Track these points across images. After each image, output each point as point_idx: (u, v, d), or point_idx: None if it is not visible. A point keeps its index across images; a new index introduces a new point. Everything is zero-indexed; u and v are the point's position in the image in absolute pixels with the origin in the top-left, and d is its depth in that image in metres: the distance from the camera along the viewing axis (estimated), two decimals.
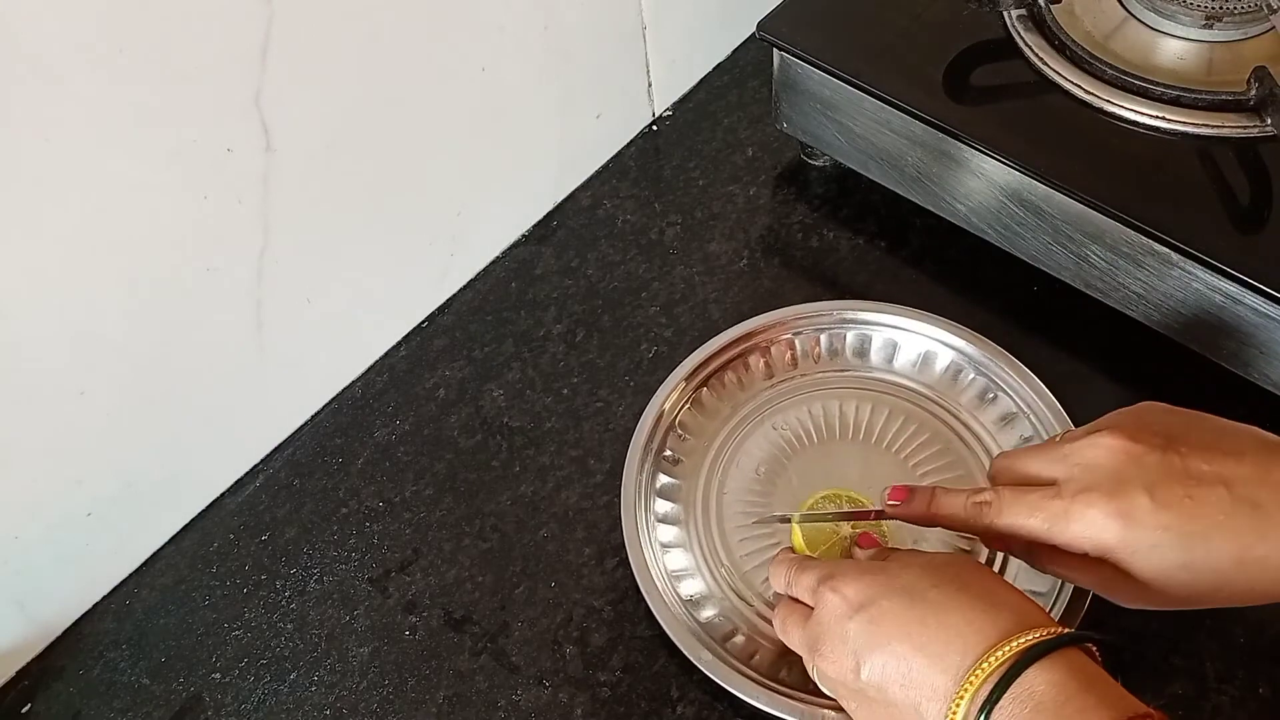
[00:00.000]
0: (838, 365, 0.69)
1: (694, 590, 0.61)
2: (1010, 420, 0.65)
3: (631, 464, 0.64)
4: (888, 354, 0.68)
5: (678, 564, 0.62)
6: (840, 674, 0.47)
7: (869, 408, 0.66)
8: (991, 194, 0.67)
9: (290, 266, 0.63)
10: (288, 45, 0.55)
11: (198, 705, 0.61)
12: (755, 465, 0.65)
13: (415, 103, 0.65)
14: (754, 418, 0.67)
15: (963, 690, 0.43)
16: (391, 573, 0.64)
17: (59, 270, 0.53)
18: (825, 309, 0.69)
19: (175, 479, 0.65)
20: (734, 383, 0.68)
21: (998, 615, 0.44)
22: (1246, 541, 0.44)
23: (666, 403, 0.66)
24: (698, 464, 0.65)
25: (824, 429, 0.66)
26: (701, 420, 0.67)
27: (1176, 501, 0.45)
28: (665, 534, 0.63)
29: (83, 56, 0.48)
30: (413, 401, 0.71)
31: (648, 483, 0.64)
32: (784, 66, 0.73)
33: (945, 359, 0.67)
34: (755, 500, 0.64)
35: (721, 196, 0.79)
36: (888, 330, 0.68)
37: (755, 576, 0.61)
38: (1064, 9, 0.69)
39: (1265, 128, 0.63)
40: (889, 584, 0.47)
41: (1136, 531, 0.45)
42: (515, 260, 0.77)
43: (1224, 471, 0.45)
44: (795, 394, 0.67)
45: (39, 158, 0.49)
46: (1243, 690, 0.56)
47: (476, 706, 0.59)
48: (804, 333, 0.69)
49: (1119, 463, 0.46)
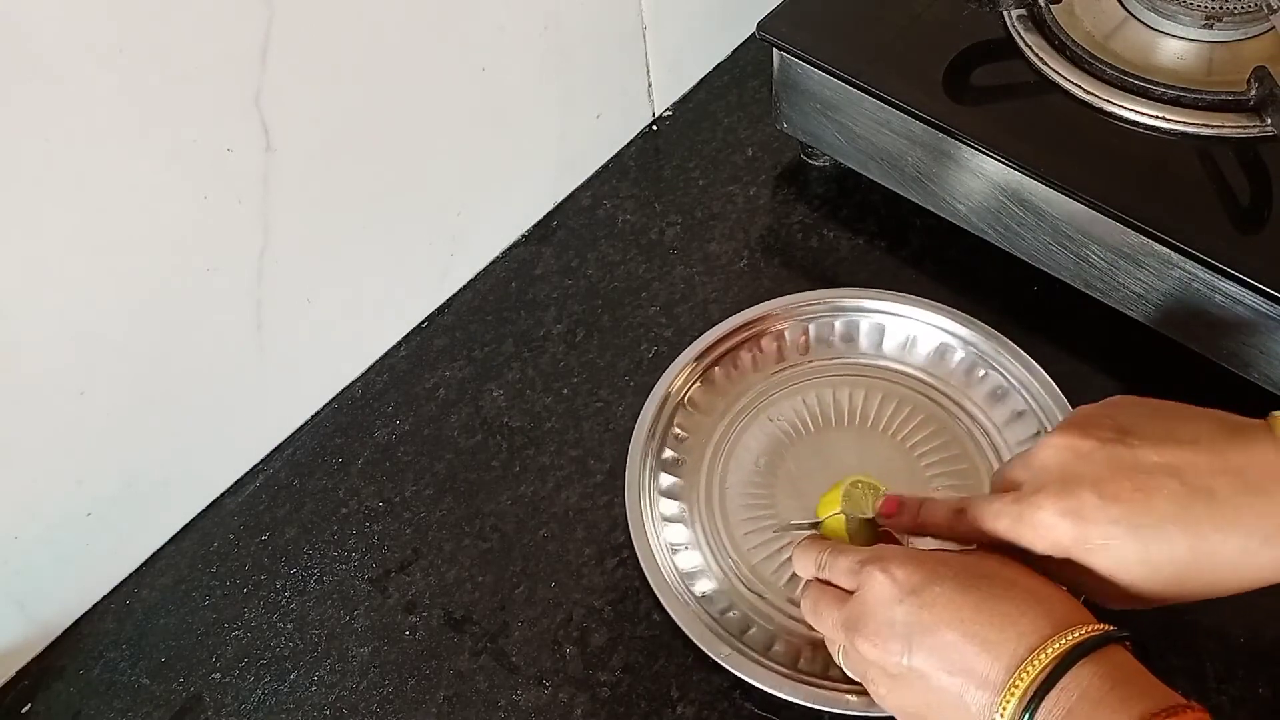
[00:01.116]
0: (827, 354, 0.69)
1: (706, 588, 0.61)
2: (1003, 395, 0.65)
3: (633, 466, 0.64)
4: (875, 339, 0.69)
5: (688, 563, 0.62)
6: (882, 657, 0.47)
7: (862, 394, 0.67)
8: (991, 194, 0.67)
9: (290, 266, 0.63)
10: (288, 45, 0.55)
11: (198, 705, 0.61)
12: (754, 458, 0.65)
13: (415, 103, 0.65)
14: (749, 411, 0.67)
15: (1017, 680, 0.43)
16: (391, 573, 0.64)
17: (59, 270, 0.53)
18: (810, 299, 0.70)
19: (175, 479, 0.65)
20: (724, 378, 0.68)
21: (1050, 608, 0.44)
22: (1202, 531, 0.44)
23: (663, 402, 0.66)
24: (698, 462, 0.65)
25: (819, 418, 0.66)
26: (698, 418, 0.67)
27: (1125, 495, 0.45)
28: (673, 534, 0.63)
29: (83, 56, 0.48)
30: (413, 401, 0.71)
31: (650, 483, 0.64)
32: (784, 66, 0.73)
33: (932, 341, 0.68)
34: (757, 494, 0.64)
35: (721, 196, 0.79)
36: (875, 316, 0.69)
37: (764, 568, 0.61)
38: (1064, 9, 0.70)
39: (1265, 128, 0.63)
40: (941, 570, 0.47)
41: (1087, 528, 0.45)
42: (515, 260, 0.77)
43: (1175, 461, 0.45)
44: (788, 385, 0.68)
45: (39, 158, 0.49)
46: (1243, 690, 0.56)
47: (476, 706, 0.59)
48: (791, 323, 0.69)
49: (1066, 460, 0.47)
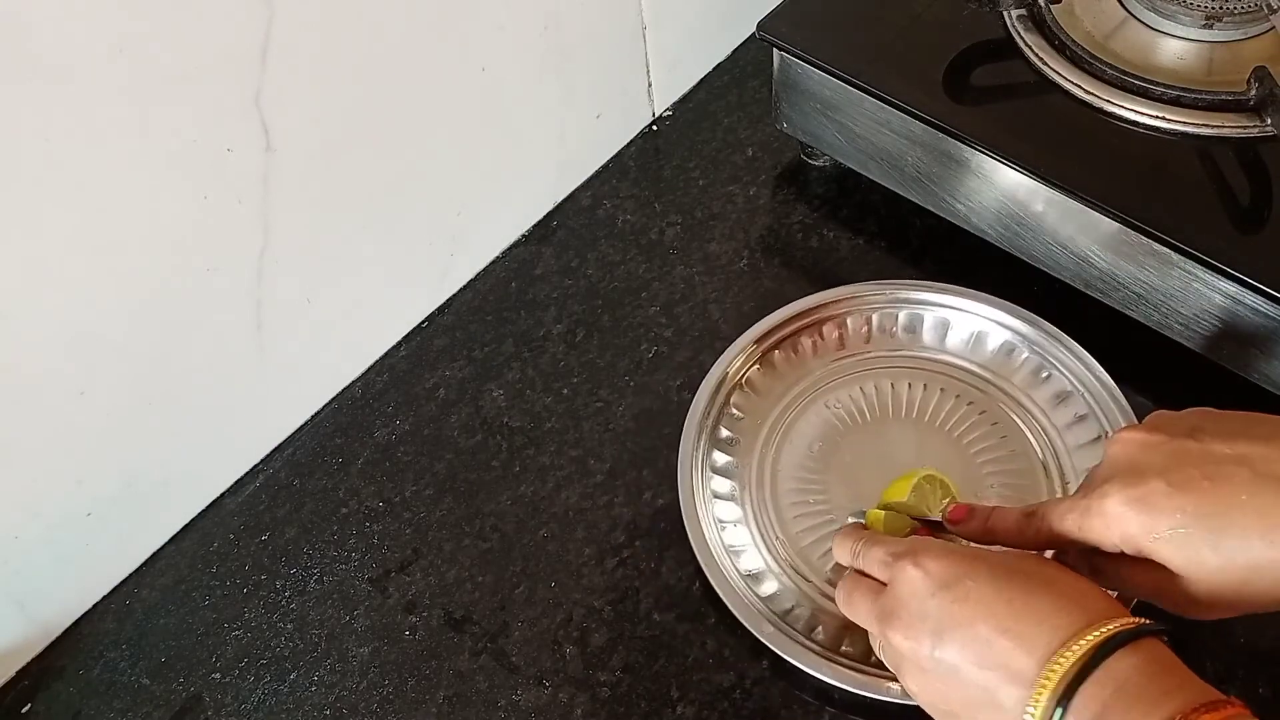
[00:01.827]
0: (889, 345, 0.69)
1: (752, 566, 0.61)
2: (1065, 398, 0.65)
3: (687, 441, 0.64)
4: (940, 333, 0.68)
5: (736, 540, 0.62)
6: (913, 650, 0.47)
7: (922, 386, 0.67)
8: (991, 194, 0.67)
9: (290, 266, 0.63)
10: (288, 45, 0.55)
11: (198, 705, 0.61)
12: (809, 443, 0.65)
13: (415, 103, 0.65)
14: (807, 395, 0.67)
15: (1049, 672, 0.42)
16: (391, 573, 0.64)
17: (59, 270, 0.53)
18: (874, 289, 0.69)
19: (175, 479, 0.65)
20: (785, 361, 0.68)
21: (1085, 602, 0.44)
22: (1274, 519, 0.43)
23: (720, 382, 0.66)
24: (751, 442, 0.65)
25: (876, 408, 0.66)
26: (755, 399, 0.67)
27: (1193, 484, 0.44)
28: (722, 510, 0.63)
29: (83, 56, 0.48)
30: (413, 401, 0.71)
31: (704, 460, 0.64)
32: (784, 66, 0.73)
33: (998, 339, 0.67)
34: (809, 478, 0.64)
35: (721, 196, 0.79)
36: (940, 310, 0.68)
37: (812, 552, 0.61)
38: (1064, 9, 0.70)
39: (1265, 128, 0.63)
40: (976, 565, 0.46)
41: (1154, 516, 0.45)
42: (515, 260, 0.77)
43: (1246, 453, 0.45)
44: (847, 373, 0.68)
45: (39, 158, 0.49)
46: (1243, 690, 0.56)
47: (476, 706, 0.59)
48: (854, 312, 0.69)
49: (1134, 453, 0.47)
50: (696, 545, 0.61)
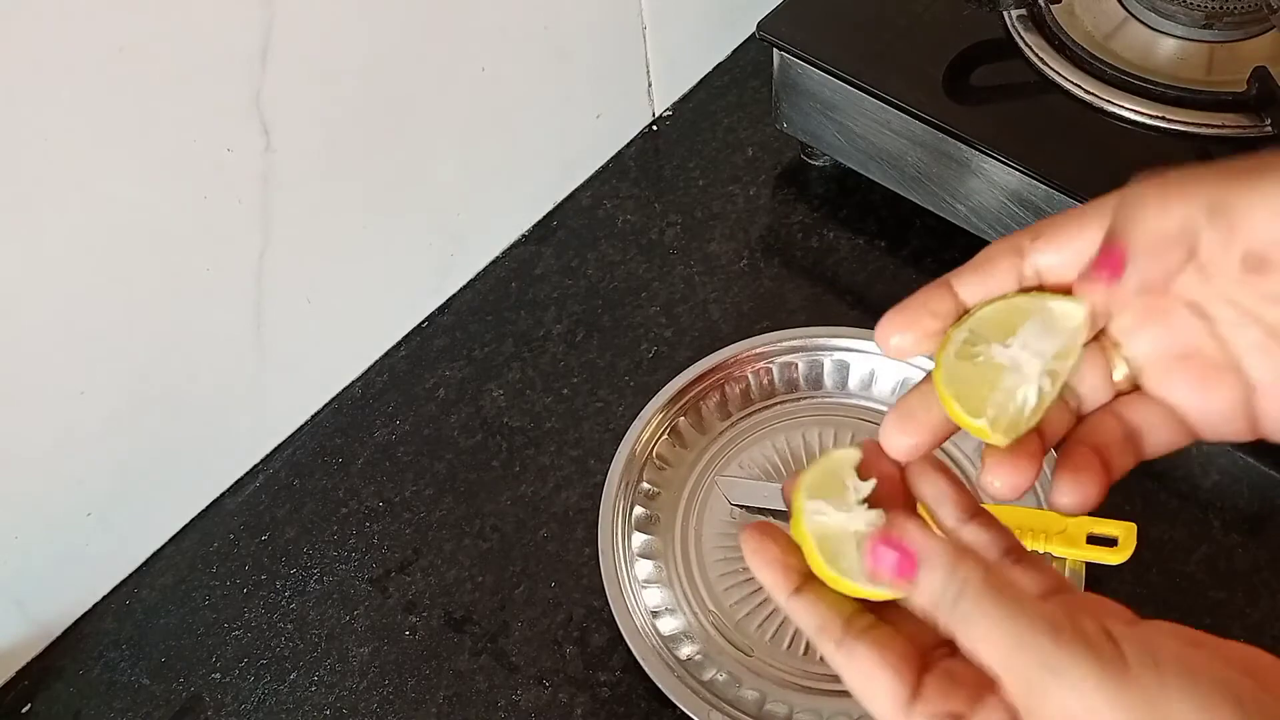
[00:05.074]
0: (793, 396, 0.67)
1: (689, 651, 0.59)
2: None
3: (604, 527, 0.62)
4: (839, 378, 0.67)
5: (669, 628, 0.59)
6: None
7: (832, 433, 0.65)
8: (991, 194, 0.67)
9: (290, 266, 0.63)
10: (288, 45, 0.55)
11: (198, 705, 0.61)
12: (729, 510, 0.63)
13: (415, 103, 0.65)
14: (718, 461, 0.65)
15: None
16: (391, 573, 0.64)
17: (59, 271, 0.53)
18: (768, 340, 0.67)
19: (175, 479, 0.65)
20: (691, 429, 0.66)
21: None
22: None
23: (629, 460, 0.64)
24: (670, 518, 0.63)
25: (792, 461, 0.64)
26: (668, 472, 0.65)
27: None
28: (651, 597, 0.60)
29: (82, 56, 0.48)
30: (413, 401, 0.71)
31: (625, 544, 0.62)
32: (784, 66, 0.73)
33: (895, 375, 0.65)
34: (735, 546, 0.59)
35: (721, 196, 0.79)
36: (837, 354, 0.67)
37: (748, 624, 0.59)
38: (1064, 9, 0.70)
39: (1265, 128, 0.63)
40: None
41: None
42: (515, 260, 0.77)
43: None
44: (757, 430, 0.66)
45: (39, 157, 0.49)
46: None
47: (476, 706, 0.59)
48: (753, 368, 0.67)
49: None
50: (631, 640, 0.58)
